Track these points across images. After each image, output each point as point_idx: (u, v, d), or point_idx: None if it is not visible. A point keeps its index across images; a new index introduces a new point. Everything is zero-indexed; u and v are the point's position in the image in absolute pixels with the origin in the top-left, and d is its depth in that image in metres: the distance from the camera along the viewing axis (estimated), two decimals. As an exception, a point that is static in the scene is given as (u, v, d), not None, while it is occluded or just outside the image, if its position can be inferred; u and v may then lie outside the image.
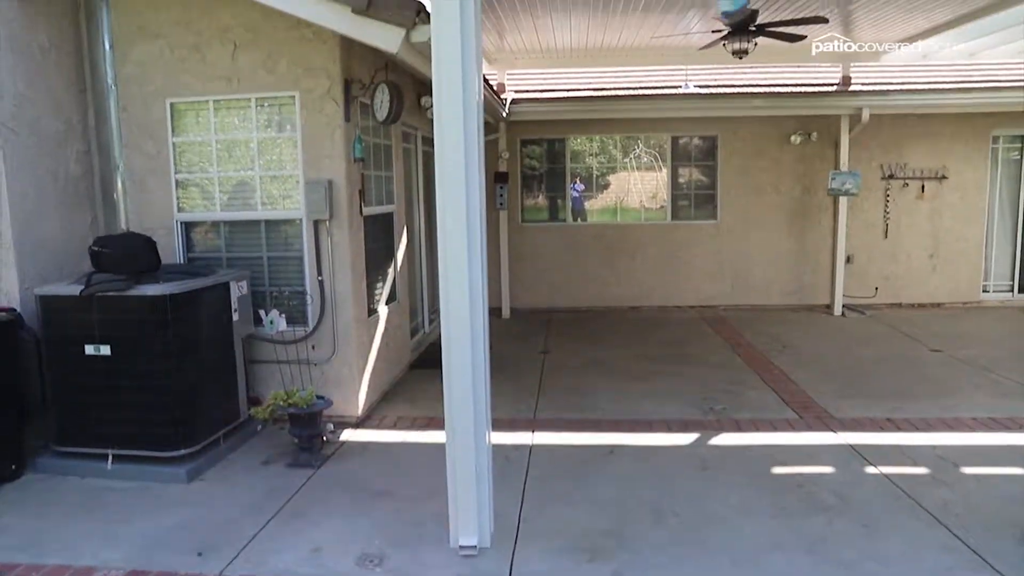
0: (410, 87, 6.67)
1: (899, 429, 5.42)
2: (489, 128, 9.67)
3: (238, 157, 5.60)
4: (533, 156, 10.90)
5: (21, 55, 4.98)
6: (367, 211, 5.88)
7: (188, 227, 5.73)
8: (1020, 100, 9.01)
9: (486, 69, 9.47)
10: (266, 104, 5.49)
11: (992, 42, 8.38)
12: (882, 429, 5.43)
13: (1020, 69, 9.68)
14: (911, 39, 8.33)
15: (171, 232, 5.66)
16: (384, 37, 4.40)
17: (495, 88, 9.37)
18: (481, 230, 3.50)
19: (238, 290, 5.25)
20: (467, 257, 3.44)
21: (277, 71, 5.38)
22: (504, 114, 9.37)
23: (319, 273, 5.50)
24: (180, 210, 5.68)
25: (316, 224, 5.44)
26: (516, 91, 9.97)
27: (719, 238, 10.66)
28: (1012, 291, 10.70)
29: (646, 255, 10.71)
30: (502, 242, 10.30)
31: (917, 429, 5.41)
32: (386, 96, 5.31)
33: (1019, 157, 10.48)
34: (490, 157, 10.10)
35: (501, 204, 10.15)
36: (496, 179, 10.01)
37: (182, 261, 5.70)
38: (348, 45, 5.20)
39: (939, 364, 7.40)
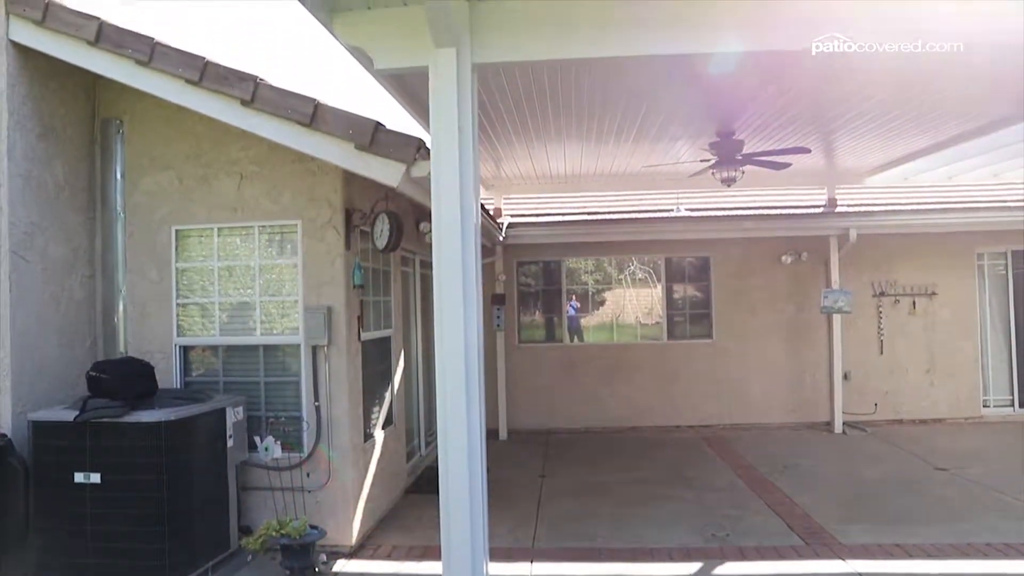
0: (409, 214, 6.88)
1: (910, 556, 5.26)
2: (486, 251, 9.88)
3: (239, 283, 5.70)
4: (530, 275, 11.10)
5: (37, 190, 5.16)
6: (365, 336, 5.93)
7: (187, 351, 5.76)
8: (997, 220, 9.31)
9: (483, 194, 9.79)
10: (269, 232, 5.65)
11: (967, 166, 8.72)
12: (892, 556, 5.27)
13: (995, 191, 10.04)
14: (892, 164, 8.66)
15: (169, 356, 5.68)
16: (385, 172, 4.58)
17: (492, 213, 9.66)
18: (479, 354, 3.54)
19: (234, 415, 5.22)
20: (465, 381, 3.46)
21: (281, 201, 5.56)
22: (501, 238, 9.61)
23: (316, 398, 5.48)
24: (180, 334, 5.72)
25: (314, 349, 5.47)
26: (512, 215, 10.26)
27: (715, 357, 10.68)
28: (1013, 406, 10.64)
29: (643, 375, 10.70)
30: (499, 363, 10.31)
31: (929, 556, 5.25)
32: (386, 226, 5.47)
33: (1004, 272, 10.70)
34: (487, 279, 10.23)
35: (498, 325, 10.23)
36: (493, 301, 10.14)
37: (179, 385, 5.69)
38: (350, 176, 5.40)
39: (946, 484, 7.26)
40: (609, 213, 10.43)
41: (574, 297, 11.02)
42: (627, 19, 3.58)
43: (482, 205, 8.01)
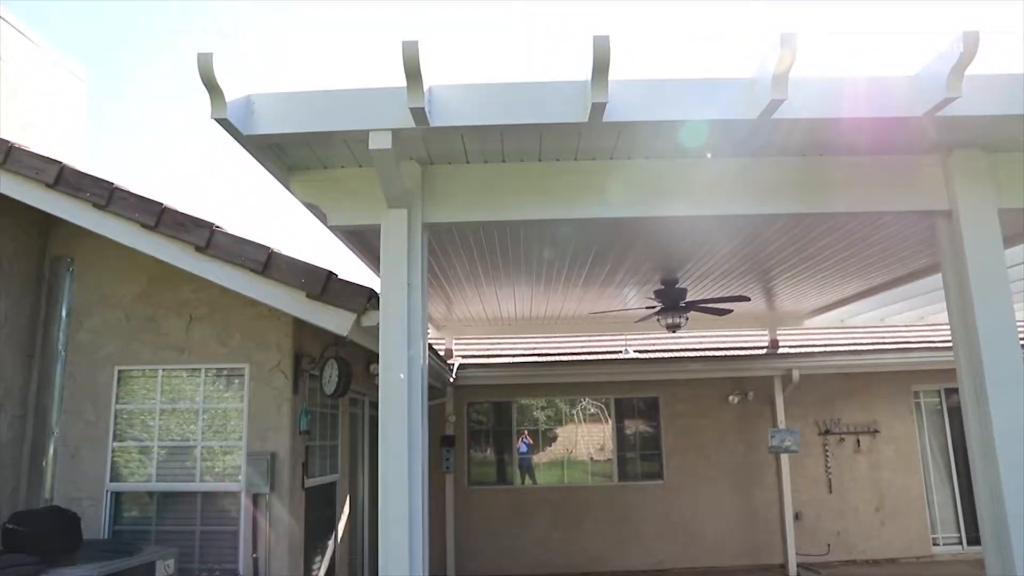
0: (360, 356, 6.89)
1: None
2: (436, 392, 9.87)
3: (181, 426, 5.56)
4: (481, 415, 11.03)
5: (-26, 331, 5.07)
6: (310, 483, 5.77)
7: (119, 497, 5.51)
8: (928, 360, 9.70)
9: (434, 335, 9.88)
10: (216, 375, 5.59)
11: (896, 309, 9.17)
12: None
13: (925, 332, 10.52)
14: (828, 307, 9.06)
15: (99, 503, 5.42)
16: (336, 321, 4.65)
17: (443, 354, 9.72)
18: (423, 502, 3.51)
19: (164, 570, 4.95)
20: (408, 529, 3.43)
21: (230, 343, 5.54)
22: (451, 379, 9.63)
23: (255, 550, 5.25)
24: (113, 479, 5.49)
25: (255, 498, 5.30)
26: (463, 356, 10.33)
27: (667, 498, 10.59)
28: (961, 543, 10.66)
29: (595, 517, 10.51)
30: (448, 506, 10.05)
31: None
32: (335, 371, 5.47)
33: (940, 409, 11.02)
34: (437, 420, 10.20)
35: (447, 468, 10.04)
36: (443, 442, 10.01)
37: (108, 535, 5.39)
38: (301, 322, 5.44)
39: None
40: (559, 354, 10.58)
41: (526, 434, 10.95)
42: (561, 187, 3.84)
43: (432, 347, 8.09)
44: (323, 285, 4.68)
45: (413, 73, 3.00)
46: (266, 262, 4.78)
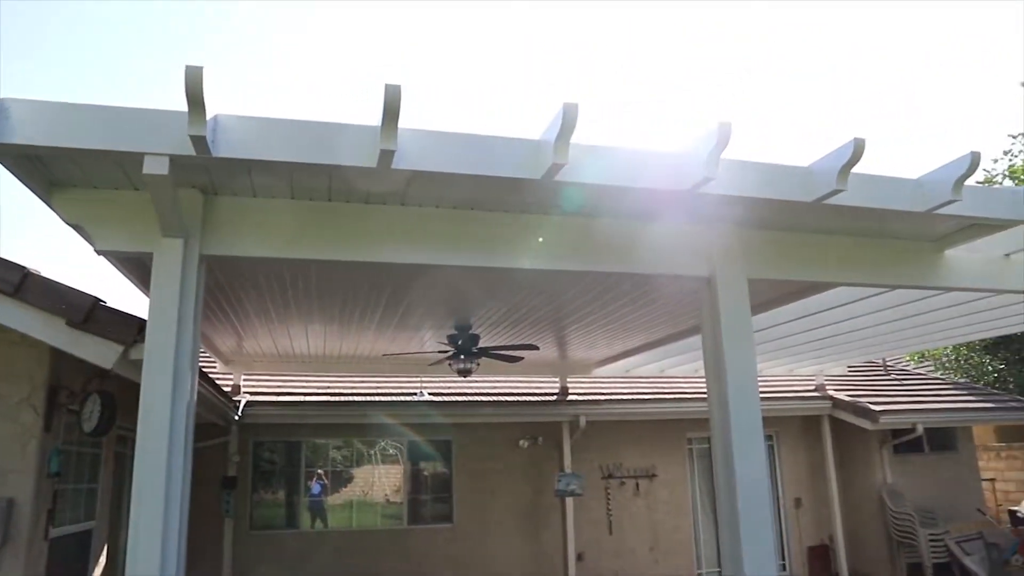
0: (133, 390, 6.33)
1: None
2: (218, 431, 9.29)
3: None
4: (270, 455, 10.49)
5: None
6: (56, 532, 5.17)
7: None
8: (699, 409, 10.57)
9: (221, 370, 9.32)
10: (-53, 410, 4.88)
11: (674, 362, 9.97)
12: None
13: (698, 384, 11.50)
14: (615, 358, 9.64)
15: None
16: (100, 353, 4.27)
17: (229, 390, 9.19)
18: (179, 552, 3.26)
19: None
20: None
21: (-33, 374, 4.89)
22: (236, 416, 9.11)
23: (-22, 612, 4.59)
24: None
25: (-15, 551, 4.66)
26: (253, 392, 9.82)
27: (456, 541, 10.61)
28: (721, 579, 11.59)
29: (385, 561, 10.28)
30: (225, 554, 9.40)
31: None
32: (97, 407, 4.99)
33: (708, 455, 12.02)
34: (218, 460, 9.59)
35: (227, 511, 9.42)
36: (223, 484, 9.39)
37: None
38: (61, 352, 4.92)
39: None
40: (354, 393, 10.35)
41: (319, 475, 10.54)
42: (351, 229, 3.82)
43: (214, 383, 7.63)
44: (87, 313, 4.28)
45: (196, 99, 2.87)
46: (19, 283, 4.31)
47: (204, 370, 7.79)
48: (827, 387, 12.04)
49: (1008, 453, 14.87)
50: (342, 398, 10.13)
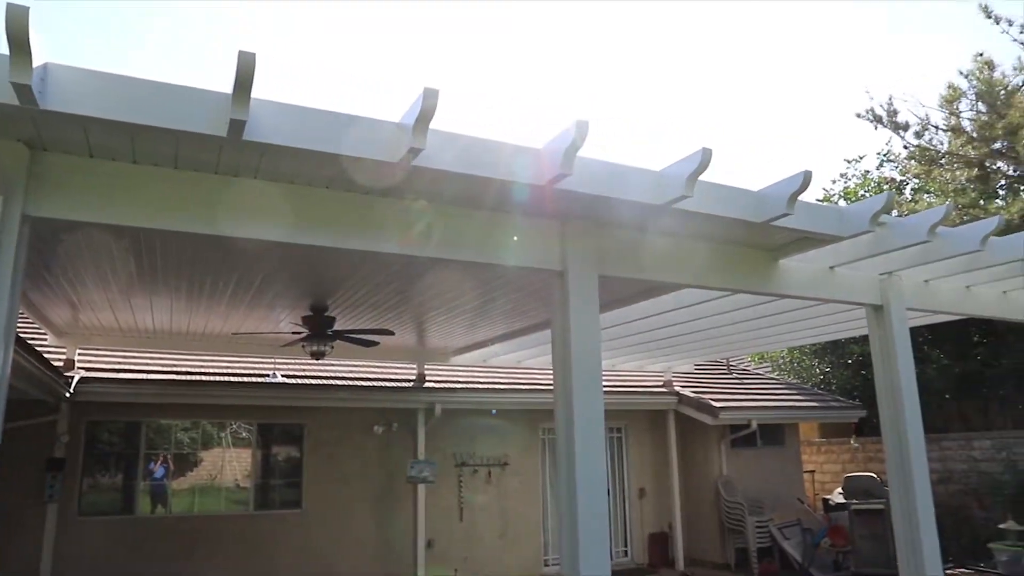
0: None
1: None
2: (46, 409, 8.61)
3: None
4: (107, 435, 9.81)
5: None
6: None
7: None
8: (552, 401, 10.87)
9: (53, 342, 8.63)
10: None
11: (531, 353, 10.18)
12: None
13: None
14: (474, 346, 9.73)
15: None
16: None
17: (61, 365, 8.53)
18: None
19: None
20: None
21: None
22: (68, 394, 8.47)
23: None
24: None
25: None
26: (88, 368, 9.16)
27: (305, 528, 10.38)
28: (566, 567, 11.97)
29: (229, 548, 9.87)
30: (45, 543, 8.71)
31: None
32: None
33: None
34: (44, 440, 8.90)
35: (51, 496, 8.74)
36: (48, 466, 8.72)
37: None
38: None
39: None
40: (202, 373, 9.88)
41: (163, 458, 9.96)
42: (199, 200, 3.64)
43: (42, 355, 7.08)
44: None
45: (19, 42, 2.63)
46: None
47: (29, 342, 7.20)
48: (674, 383, 12.70)
49: (827, 448, 16.25)
50: (189, 377, 9.64)
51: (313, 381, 10.19)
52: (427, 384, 10.81)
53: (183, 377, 9.60)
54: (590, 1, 27.39)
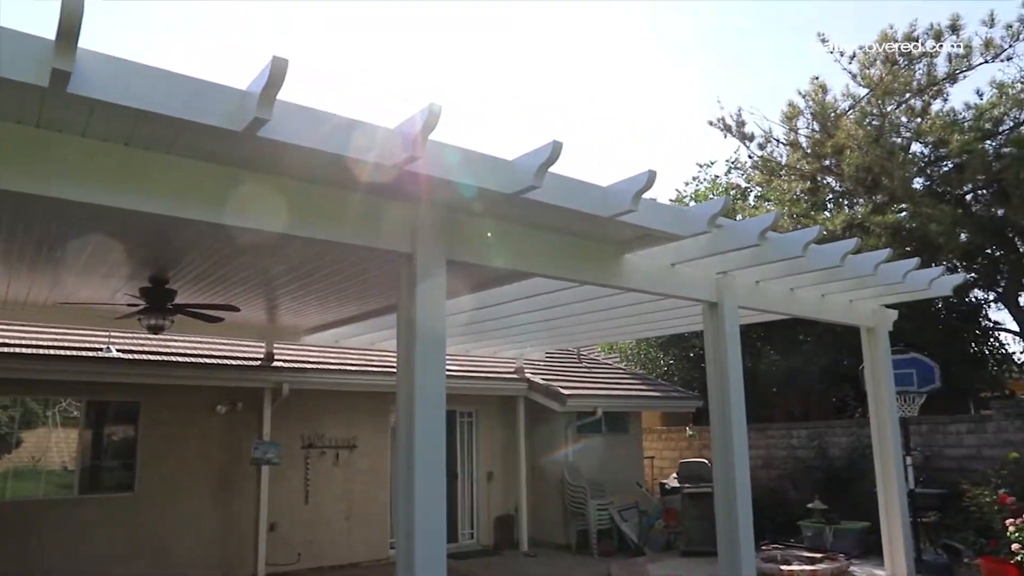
0: None
1: None
2: None
3: None
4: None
5: None
6: None
7: None
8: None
9: None
10: None
11: (388, 335, 10.10)
12: None
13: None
14: (326, 326, 9.52)
15: None
16: None
17: None
18: None
19: None
20: None
21: None
22: None
23: None
24: None
25: None
26: None
27: (137, 512, 9.79)
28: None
29: (48, 536, 9.15)
30: None
31: None
32: None
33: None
34: None
35: None
36: None
37: None
38: None
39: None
40: (24, 345, 9.06)
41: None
42: (20, 155, 3.37)
43: None
44: None
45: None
46: None
47: None
48: (525, 370, 13.00)
49: (667, 435, 17.24)
50: (7, 350, 8.83)
51: (152, 357, 9.59)
52: (275, 363, 10.48)
53: (5, 349, 8.77)
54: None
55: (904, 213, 13.13)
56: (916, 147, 14.14)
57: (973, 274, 13.99)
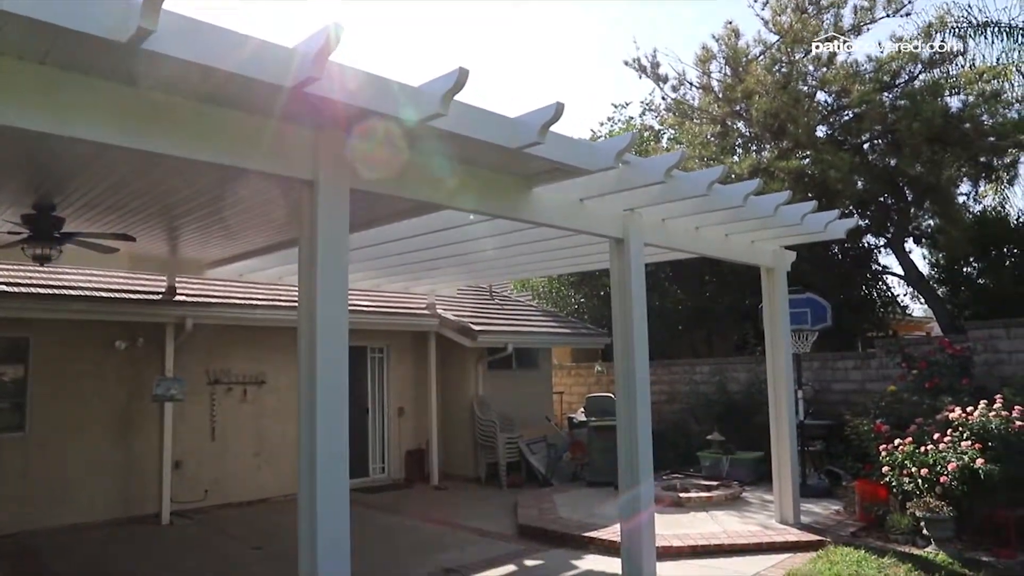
0: None
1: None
2: None
3: None
4: None
5: None
6: None
7: None
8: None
9: None
10: None
11: (293, 269, 9.83)
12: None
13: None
14: (231, 259, 9.21)
15: None
16: None
17: None
18: None
19: None
20: None
21: None
22: None
23: None
24: None
25: None
26: None
27: (30, 453, 9.39)
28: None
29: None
30: None
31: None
32: None
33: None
34: None
35: None
36: None
37: None
38: None
39: (259, 562, 7.78)
40: None
41: None
42: None
43: None
44: None
45: None
46: None
47: None
48: (437, 306, 13.01)
49: (576, 371, 17.69)
50: None
51: (42, 290, 9.07)
52: (178, 297, 10.11)
53: None
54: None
55: (807, 160, 13.60)
56: (821, 96, 14.58)
57: (867, 220, 14.71)
